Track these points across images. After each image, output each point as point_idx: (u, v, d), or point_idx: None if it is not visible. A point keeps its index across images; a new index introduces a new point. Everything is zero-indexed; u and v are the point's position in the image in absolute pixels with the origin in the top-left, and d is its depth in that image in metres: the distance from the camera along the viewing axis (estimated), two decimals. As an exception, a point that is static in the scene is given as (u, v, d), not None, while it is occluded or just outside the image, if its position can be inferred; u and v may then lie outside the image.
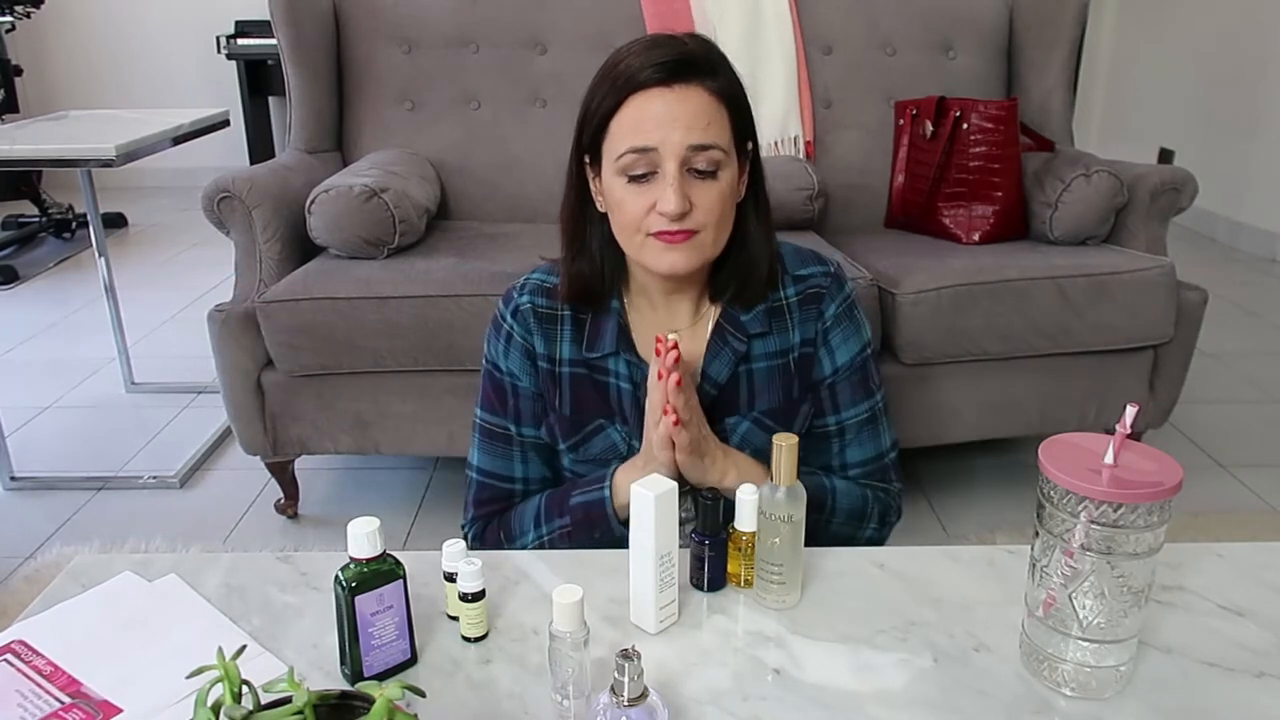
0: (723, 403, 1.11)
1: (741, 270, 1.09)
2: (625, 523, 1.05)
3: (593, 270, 1.09)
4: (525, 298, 1.13)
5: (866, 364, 1.15)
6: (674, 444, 1.01)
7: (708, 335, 1.11)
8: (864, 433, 1.15)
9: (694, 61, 0.99)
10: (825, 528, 1.11)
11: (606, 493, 1.08)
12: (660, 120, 0.98)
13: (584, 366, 1.12)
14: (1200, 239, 4.24)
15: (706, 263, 1.05)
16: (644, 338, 1.11)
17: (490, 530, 1.17)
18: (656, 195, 0.99)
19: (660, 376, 1.00)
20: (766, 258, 1.09)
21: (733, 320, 1.11)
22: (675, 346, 0.99)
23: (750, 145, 1.06)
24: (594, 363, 1.12)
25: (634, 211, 1.01)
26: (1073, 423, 2.10)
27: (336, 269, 1.97)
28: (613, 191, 1.02)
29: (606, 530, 1.08)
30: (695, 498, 1.09)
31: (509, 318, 1.13)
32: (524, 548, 1.13)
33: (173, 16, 5.11)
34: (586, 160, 1.06)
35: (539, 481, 1.17)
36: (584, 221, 1.09)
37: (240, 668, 0.66)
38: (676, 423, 0.99)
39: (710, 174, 1.00)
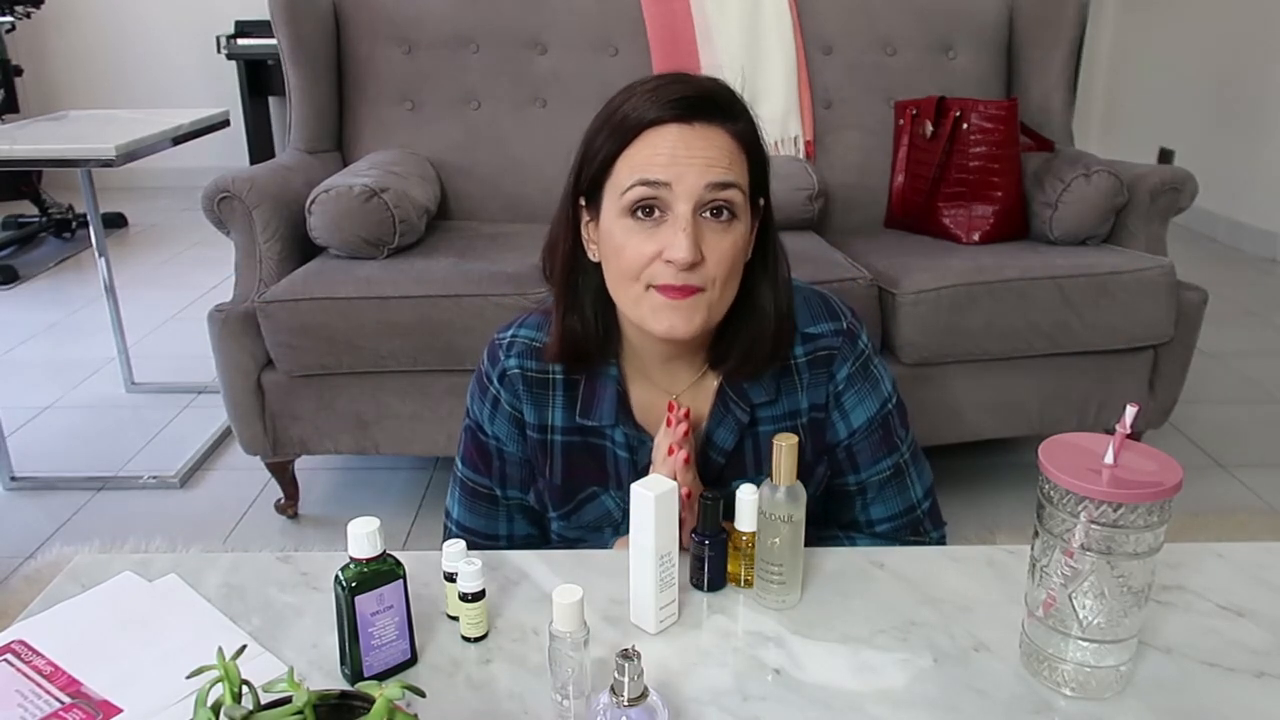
0: (729, 467, 1.06)
1: (744, 341, 0.99)
2: None
3: (585, 328, 1.00)
4: (513, 361, 1.04)
5: (888, 420, 1.07)
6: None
7: (710, 400, 1.04)
8: (888, 489, 1.09)
9: (716, 101, 0.91)
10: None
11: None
12: (676, 156, 0.89)
13: (578, 433, 1.05)
14: (1200, 239, 4.24)
15: (708, 328, 0.95)
16: (642, 406, 1.05)
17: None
18: (664, 241, 0.89)
19: (670, 452, 0.94)
20: (773, 329, 0.99)
21: (737, 389, 1.03)
22: (687, 416, 0.94)
23: (762, 202, 0.98)
24: (589, 428, 1.05)
25: (636, 258, 0.91)
26: (1073, 423, 2.10)
27: (336, 269, 1.97)
28: (613, 235, 0.92)
29: None
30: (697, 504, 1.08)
31: (495, 382, 1.05)
32: None
33: (173, 16, 5.11)
34: (582, 203, 0.98)
35: (523, 539, 1.13)
36: (576, 273, 1.00)
37: (240, 668, 0.66)
38: (688, 495, 0.94)
39: (726, 220, 0.91)
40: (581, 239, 0.99)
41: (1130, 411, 0.77)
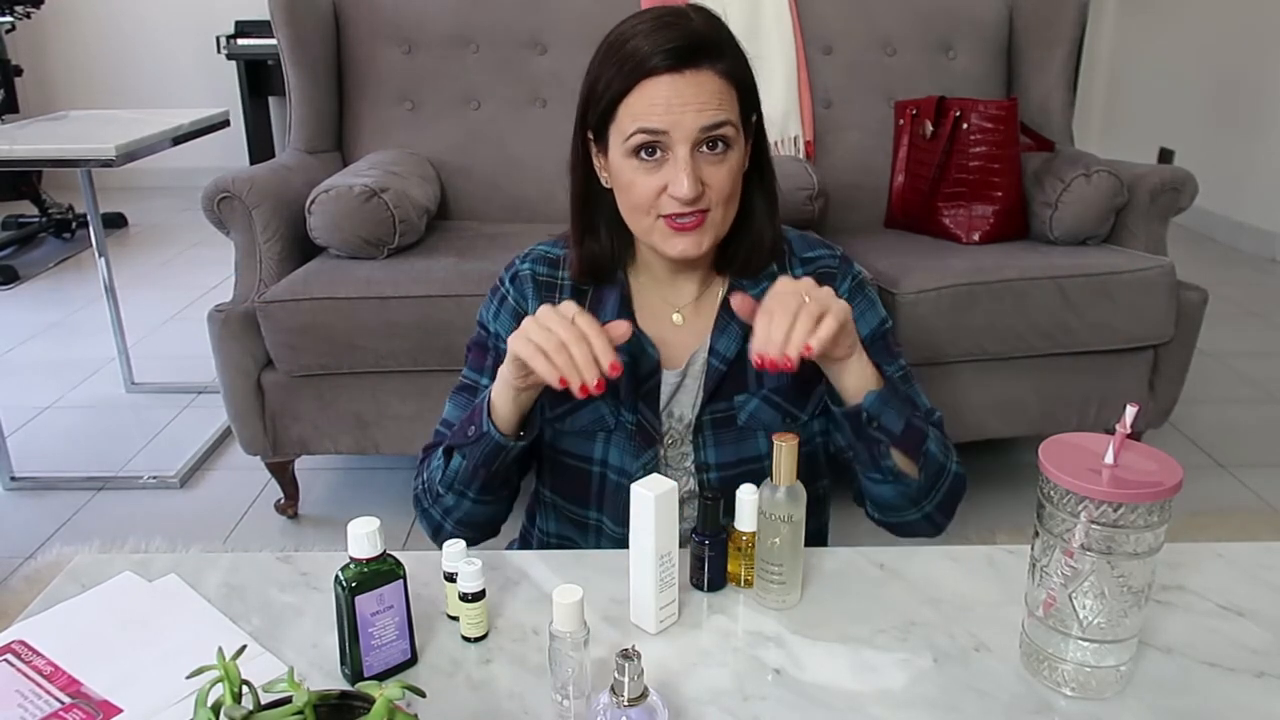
0: (732, 379, 1.10)
1: (746, 243, 1.09)
2: (498, 428, 1.00)
3: (602, 249, 1.09)
4: (526, 265, 1.14)
5: (887, 336, 1.15)
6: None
7: (714, 310, 1.11)
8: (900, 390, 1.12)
9: (703, 44, 0.98)
10: (926, 443, 1.03)
11: (485, 396, 1.03)
12: (671, 105, 0.97)
13: None
14: (1200, 239, 4.24)
15: (716, 243, 1.05)
16: (646, 311, 1.11)
17: (423, 464, 1.12)
18: (668, 178, 0.98)
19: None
20: (771, 227, 1.09)
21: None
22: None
23: (754, 117, 1.06)
24: None
25: (644, 193, 1.00)
26: (1073, 423, 2.10)
27: (336, 269, 1.97)
28: (622, 173, 1.01)
29: (483, 438, 1.00)
30: (697, 499, 1.08)
31: (507, 282, 1.15)
32: (440, 472, 1.07)
33: (173, 16, 5.11)
34: (590, 136, 1.05)
35: None
36: (590, 198, 1.08)
37: (240, 668, 0.66)
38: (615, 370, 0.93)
39: (722, 151, 0.99)
40: (594, 166, 1.06)
41: (1130, 411, 0.77)
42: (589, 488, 1.12)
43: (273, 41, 2.34)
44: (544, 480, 1.18)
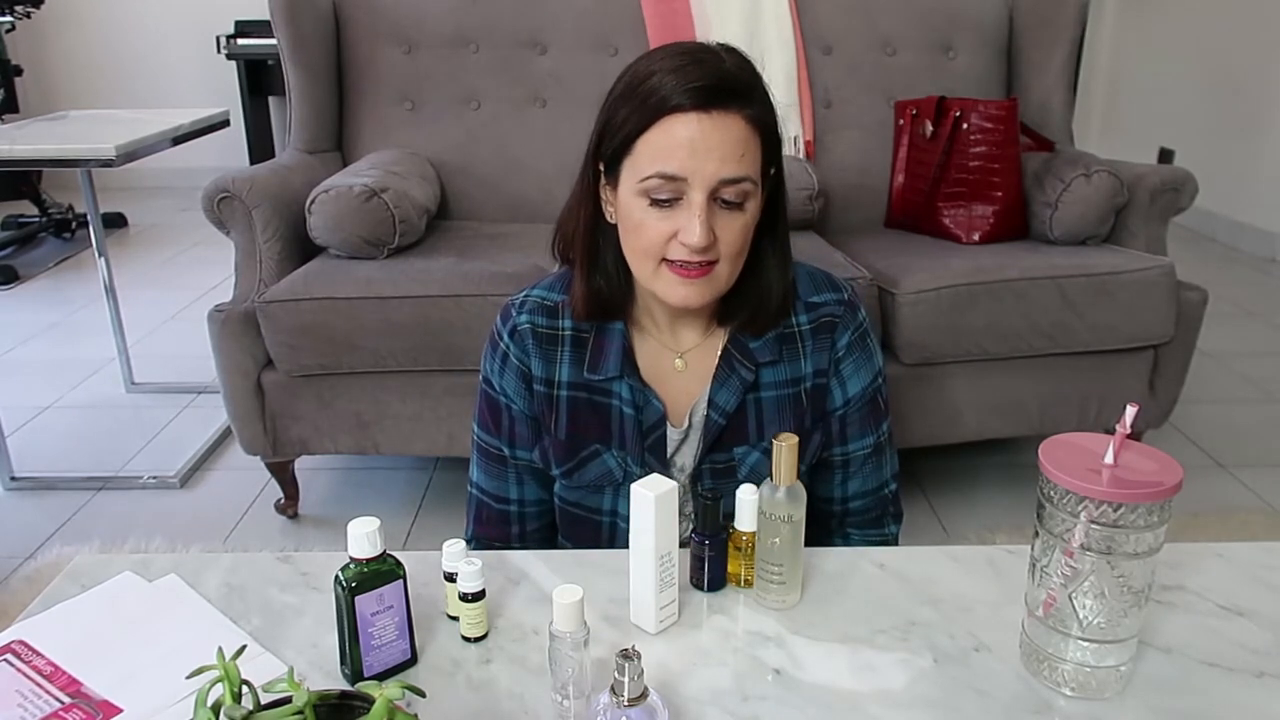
0: (731, 432, 1.08)
1: (753, 298, 1.05)
2: None
3: (610, 284, 1.05)
4: (524, 317, 1.08)
5: (877, 395, 1.12)
6: None
7: (716, 359, 1.08)
8: (867, 465, 1.14)
9: (734, 86, 0.93)
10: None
11: None
12: (694, 149, 0.92)
13: (584, 389, 1.08)
14: (1200, 239, 4.24)
15: (719, 295, 1.02)
16: (648, 363, 1.08)
17: (479, 528, 1.17)
18: (679, 223, 0.94)
19: None
20: (781, 286, 1.05)
21: (741, 348, 1.07)
22: None
23: (773, 170, 1.01)
24: (595, 385, 1.08)
25: (653, 237, 0.96)
26: (1073, 423, 2.10)
27: (336, 269, 1.97)
28: (631, 212, 0.97)
29: None
30: (695, 497, 1.09)
31: (506, 337, 1.09)
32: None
33: (173, 16, 5.11)
34: (601, 167, 1.01)
35: (535, 503, 1.16)
36: (597, 234, 1.04)
37: (240, 668, 0.66)
38: None
39: (737, 205, 0.96)
40: (600, 200, 1.03)
41: (1130, 411, 0.77)
42: (599, 535, 1.13)
43: (273, 41, 2.34)
44: (560, 529, 1.18)
